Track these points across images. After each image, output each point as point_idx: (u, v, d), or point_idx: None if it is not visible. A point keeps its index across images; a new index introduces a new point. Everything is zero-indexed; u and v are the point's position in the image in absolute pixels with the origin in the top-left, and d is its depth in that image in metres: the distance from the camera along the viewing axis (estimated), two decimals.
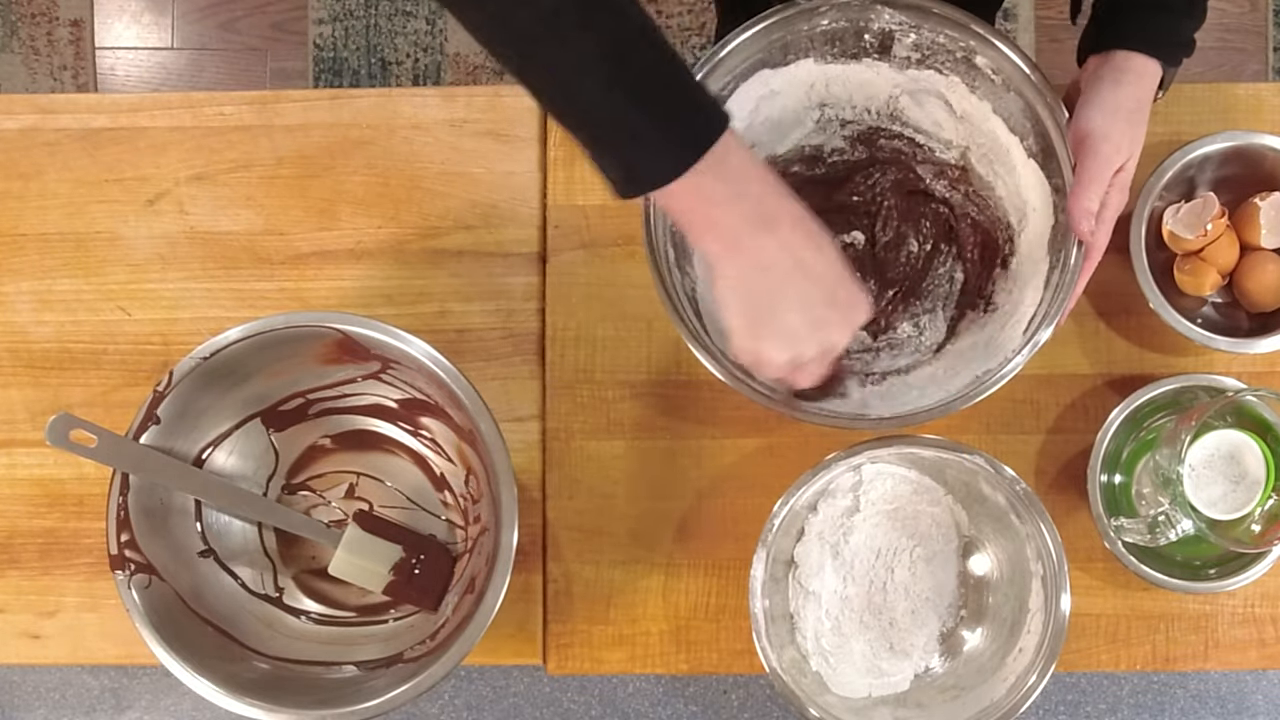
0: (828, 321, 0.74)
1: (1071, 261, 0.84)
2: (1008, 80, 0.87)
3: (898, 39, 0.89)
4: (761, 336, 0.74)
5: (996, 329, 0.91)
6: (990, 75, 0.88)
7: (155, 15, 1.98)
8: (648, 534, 0.99)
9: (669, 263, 0.87)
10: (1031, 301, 0.88)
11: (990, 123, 0.91)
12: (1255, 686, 1.33)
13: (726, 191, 0.69)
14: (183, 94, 1.04)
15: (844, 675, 0.92)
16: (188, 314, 1.02)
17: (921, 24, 0.88)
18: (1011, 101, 0.88)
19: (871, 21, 0.88)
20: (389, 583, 0.93)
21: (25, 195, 1.03)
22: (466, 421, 0.86)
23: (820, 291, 0.73)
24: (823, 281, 0.73)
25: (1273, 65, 1.89)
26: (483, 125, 1.02)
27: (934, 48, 0.89)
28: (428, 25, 1.93)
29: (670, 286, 0.86)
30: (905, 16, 0.87)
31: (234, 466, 0.94)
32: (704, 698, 1.34)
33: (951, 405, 0.84)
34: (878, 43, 0.90)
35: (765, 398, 0.85)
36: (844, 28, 0.89)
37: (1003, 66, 0.87)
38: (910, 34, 0.88)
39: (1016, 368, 0.84)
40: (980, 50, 0.87)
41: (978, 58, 0.88)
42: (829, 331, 0.75)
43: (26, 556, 1.01)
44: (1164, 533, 0.86)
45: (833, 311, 0.74)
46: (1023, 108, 0.88)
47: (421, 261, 1.01)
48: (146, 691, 1.36)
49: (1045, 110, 0.86)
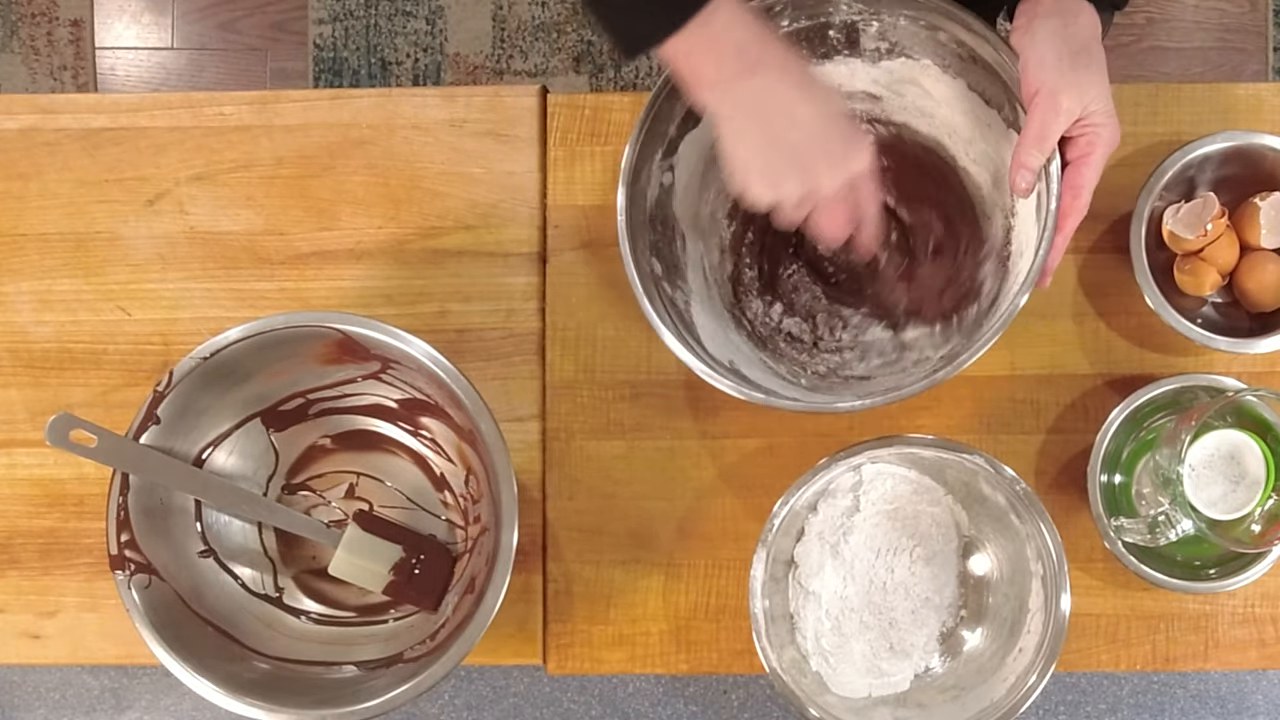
0: (827, 157, 0.77)
1: (1046, 216, 0.83)
2: (971, 52, 0.87)
3: (862, 29, 0.89)
4: (764, 176, 0.78)
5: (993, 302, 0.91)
6: (955, 50, 0.88)
7: (155, 15, 1.98)
8: (648, 534, 0.99)
9: (655, 275, 0.87)
10: (1024, 269, 0.88)
11: (968, 100, 0.90)
12: (1255, 686, 1.33)
13: (714, 46, 0.75)
14: (183, 94, 1.04)
15: (844, 675, 0.92)
16: (188, 314, 1.02)
17: (879, 9, 0.87)
18: (983, 75, 0.88)
19: (831, 14, 0.88)
20: (389, 583, 0.93)
21: (25, 195, 1.03)
22: (466, 421, 0.86)
23: (812, 130, 0.77)
24: (812, 122, 0.77)
25: (1273, 65, 1.89)
26: (483, 125, 1.02)
27: (898, 31, 0.88)
28: (428, 25, 1.93)
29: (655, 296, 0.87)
30: (862, 4, 0.87)
31: (234, 466, 0.94)
32: (704, 698, 1.34)
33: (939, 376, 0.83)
34: (844, 37, 0.90)
35: (763, 395, 0.85)
36: (806, 26, 0.89)
37: (964, 39, 0.87)
38: (872, 21, 0.88)
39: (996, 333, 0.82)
40: (940, 25, 0.87)
41: (940, 34, 0.87)
42: (829, 166, 0.78)
43: (26, 556, 1.01)
44: (1164, 533, 0.86)
45: (829, 147, 0.78)
46: (995, 79, 0.87)
47: (421, 261, 1.01)
48: (146, 691, 1.36)
49: (1009, 76, 0.85)
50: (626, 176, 0.88)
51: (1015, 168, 0.83)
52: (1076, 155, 0.83)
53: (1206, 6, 1.90)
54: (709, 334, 0.91)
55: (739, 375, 0.88)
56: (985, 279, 0.94)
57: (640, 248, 0.88)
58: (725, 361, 0.89)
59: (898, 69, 0.91)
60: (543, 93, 1.02)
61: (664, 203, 0.91)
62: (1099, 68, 0.82)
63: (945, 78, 0.90)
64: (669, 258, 0.91)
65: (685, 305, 0.91)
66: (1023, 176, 0.82)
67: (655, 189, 0.90)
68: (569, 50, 1.92)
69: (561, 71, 1.92)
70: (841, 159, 0.79)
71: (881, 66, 0.91)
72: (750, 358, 0.93)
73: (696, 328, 0.90)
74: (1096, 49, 0.83)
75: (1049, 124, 0.81)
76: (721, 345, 0.92)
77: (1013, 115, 0.88)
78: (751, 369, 0.91)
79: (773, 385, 0.89)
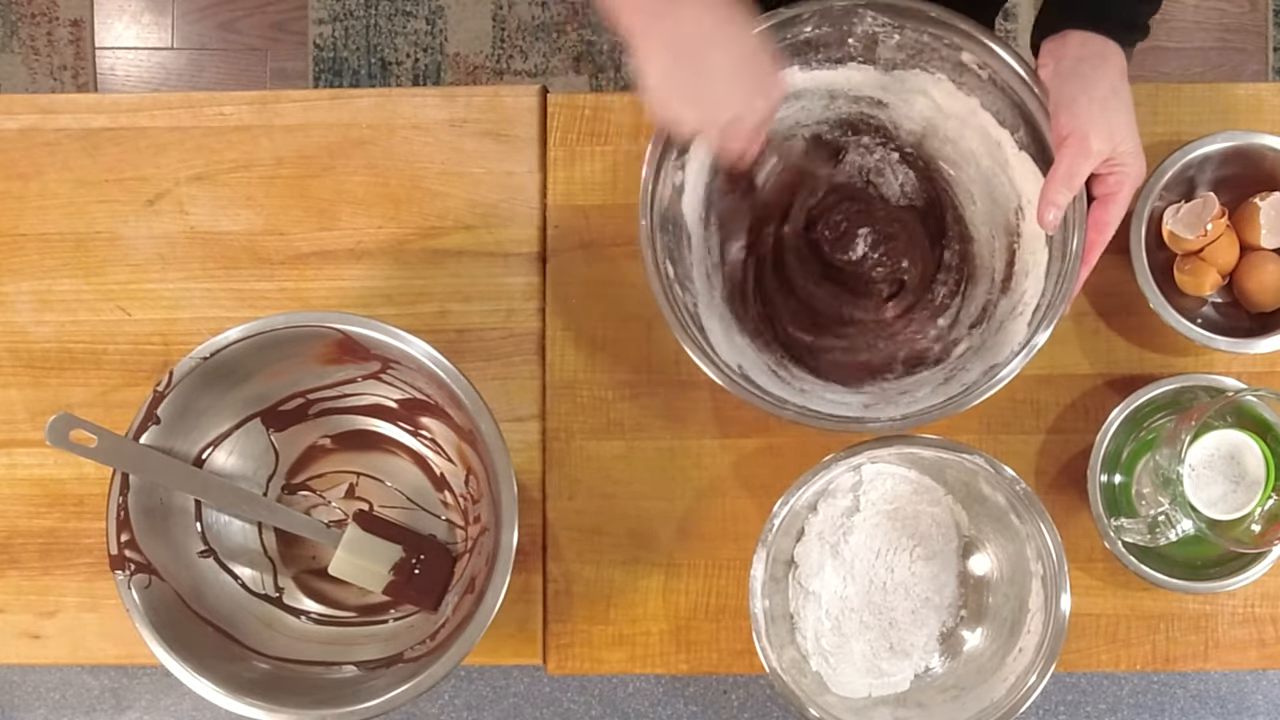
0: (729, 94, 0.79)
1: (1072, 250, 0.84)
2: (994, 75, 0.87)
3: (881, 41, 0.89)
4: (667, 101, 0.79)
5: (997, 325, 0.91)
6: (977, 71, 0.88)
7: (155, 15, 1.98)
8: (648, 534, 0.99)
9: (668, 279, 0.87)
10: (1034, 293, 0.88)
11: (979, 118, 0.91)
12: (1255, 686, 1.33)
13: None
14: (183, 94, 1.04)
15: (844, 675, 0.92)
16: (188, 314, 1.02)
17: (904, 24, 0.88)
18: (999, 96, 0.88)
19: (855, 25, 0.88)
20: (389, 583, 0.93)
21: (25, 195, 1.03)
22: (466, 421, 0.86)
23: (721, 67, 0.78)
24: (724, 59, 0.78)
25: (1273, 65, 1.89)
26: (483, 125, 1.02)
27: (919, 47, 0.89)
28: (428, 25, 1.93)
29: (673, 302, 0.86)
30: (888, 18, 0.87)
31: (234, 466, 0.94)
32: (704, 698, 1.34)
33: (958, 402, 0.84)
34: (862, 46, 0.90)
35: (772, 405, 0.85)
36: (827, 33, 0.89)
37: (988, 62, 0.87)
38: (894, 35, 0.88)
39: (1020, 365, 0.84)
40: (965, 47, 0.87)
41: (964, 54, 0.88)
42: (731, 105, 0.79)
43: (26, 556, 1.01)
44: (1164, 533, 0.86)
45: (735, 85, 0.79)
46: (1011, 102, 0.88)
47: (421, 261, 1.01)
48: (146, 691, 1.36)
49: (1034, 102, 0.86)
50: (648, 182, 0.88)
51: (1043, 204, 0.83)
52: (1104, 192, 0.85)
53: (1206, 6, 1.90)
54: (718, 338, 0.91)
55: (749, 381, 0.88)
56: (980, 298, 0.94)
57: (660, 252, 0.88)
58: (734, 366, 0.89)
59: (910, 79, 0.91)
60: (543, 93, 1.02)
61: (674, 202, 0.91)
62: (1126, 107, 0.84)
63: (959, 94, 0.90)
64: (678, 259, 0.91)
65: (694, 308, 0.90)
66: (1050, 213, 0.83)
67: (668, 189, 0.90)
68: (569, 50, 1.92)
69: (561, 71, 1.92)
70: (746, 99, 0.79)
71: (894, 75, 0.91)
72: (755, 361, 0.93)
73: (707, 332, 0.90)
74: (1123, 87, 0.84)
75: (1077, 164, 0.82)
76: (728, 349, 0.91)
77: (1026, 139, 0.88)
78: (759, 374, 0.91)
79: (781, 392, 0.89)
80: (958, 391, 0.86)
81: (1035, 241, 0.90)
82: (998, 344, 0.89)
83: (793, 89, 0.92)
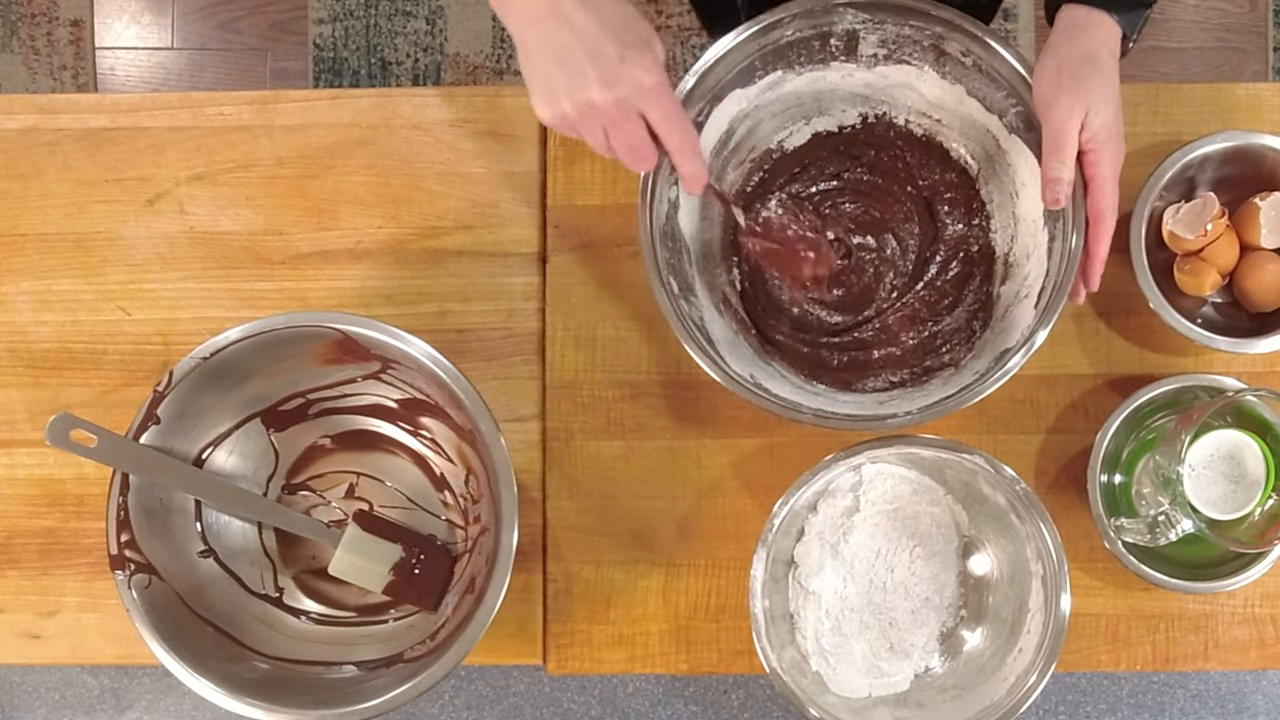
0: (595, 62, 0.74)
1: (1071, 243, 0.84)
2: (978, 61, 0.87)
3: (862, 37, 0.89)
4: (542, 92, 0.76)
5: (1003, 310, 0.91)
6: (961, 59, 0.88)
7: (155, 15, 1.98)
8: (648, 534, 0.99)
9: (673, 293, 0.87)
10: (1037, 275, 0.88)
11: (965, 105, 0.91)
12: (1255, 686, 1.33)
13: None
14: (183, 94, 1.04)
15: (844, 675, 0.92)
16: (188, 314, 1.02)
17: (885, 19, 0.88)
18: (985, 82, 0.88)
19: (835, 24, 0.88)
20: (389, 583, 0.93)
21: (25, 195, 1.03)
22: (466, 421, 0.86)
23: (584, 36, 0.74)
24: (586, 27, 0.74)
25: (1273, 65, 1.89)
26: (483, 125, 1.02)
27: (900, 40, 0.89)
28: (428, 25, 1.93)
29: (681, 315, 0.87)
30: (868, 14, 0.87)
31: (234, 466, 0.94)
32: (704, 698, 1.34)
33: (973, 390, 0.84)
34: (843, 45, 0.90)
35: (789, 410, 0.85)
36: (808, 35, 0.89)
37: (971, 49, 0.87)
38: (874, 31, 0.89)
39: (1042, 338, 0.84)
40: (948, 35, 0.87)
41: (946, 44, 0.88)
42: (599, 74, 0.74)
43: (26, 556, 1.01)
44: (1164, 533, 0.86)
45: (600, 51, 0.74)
46: (997, 86, 0.88)
47: (421, 261, 1.01)
48: (146, 691, 1.36)
49: (1021, 84, 0.86)
50: (644, 194, 0.88)
51: (1045, 185, 0.83)
52: (1086, 176, 0.84)
53: (1206, 6, 1.90)
54: (726, 349, 0.91)
55: (760, 388, 0.88)
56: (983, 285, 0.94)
57: (662, 266, 0.88)
58: (747, 376, 0.89)
59: (893, 74, 0.91)
60: None
61: (672, 218, 0.91)
62: (1103, 77, 0.83)
63: (944, 83, 0.90)
64: (680, 273, 0.91)
65: (701, 321, 0.91)
66: (1050, 189, 0.83)
67: (664, 205, 0.90)
68: None
69: None
70: (614, 63, 0.74)
71: (877, 71, 0.92)
72: (768, 370, 0.93)
73: (716, 344, 0.90)
74: (1105, 58, 0.83)
75: (1058, 132, 0.82)
76: (736, 360, 0.91)
77: (1016, 122, 0.88)
78: (772, 382, 0.91)
79: (793, 396, 0.89)
80: (971, 380, 0.86)
81: (1034, 224, 0.90)
82: (1005, 330, 0.90)
83: (777, 96, 0.93)
